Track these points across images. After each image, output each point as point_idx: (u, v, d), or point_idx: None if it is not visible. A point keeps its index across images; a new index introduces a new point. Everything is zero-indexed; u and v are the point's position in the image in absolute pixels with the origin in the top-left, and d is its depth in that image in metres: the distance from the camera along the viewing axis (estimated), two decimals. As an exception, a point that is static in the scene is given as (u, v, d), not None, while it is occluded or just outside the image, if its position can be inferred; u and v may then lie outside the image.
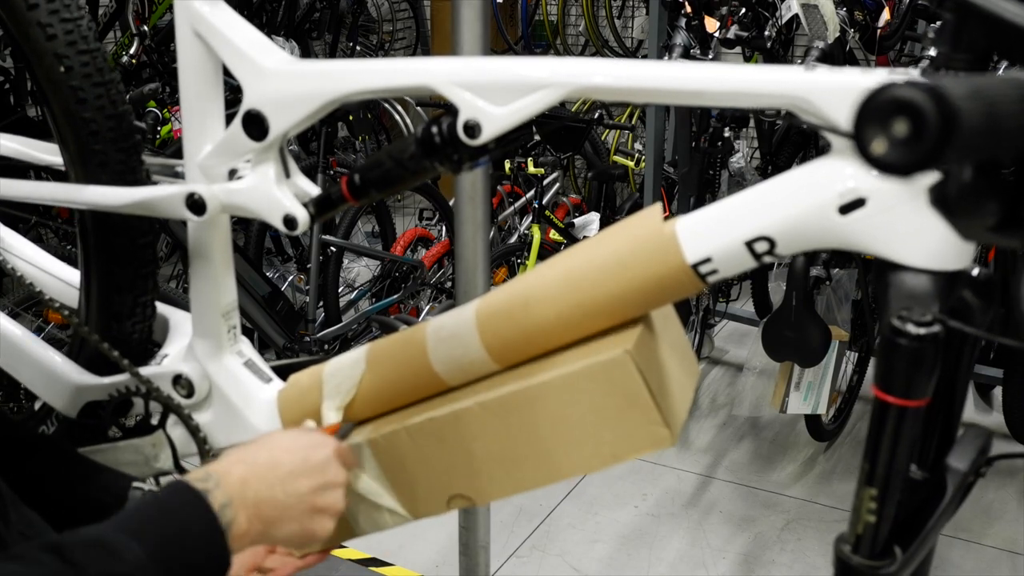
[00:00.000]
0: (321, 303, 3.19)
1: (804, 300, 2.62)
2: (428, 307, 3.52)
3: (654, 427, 0.85)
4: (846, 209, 0.74)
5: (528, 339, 0.92)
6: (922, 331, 0.67)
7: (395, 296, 3.36)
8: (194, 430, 1.21)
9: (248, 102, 1.05)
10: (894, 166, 0.48)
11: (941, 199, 0.53)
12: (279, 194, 1.08)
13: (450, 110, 0.94)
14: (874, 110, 0.49)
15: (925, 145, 0.48)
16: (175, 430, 1.24)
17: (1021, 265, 0.58)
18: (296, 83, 1.03)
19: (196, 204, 1.11)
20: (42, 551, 0.71)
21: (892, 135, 0.49)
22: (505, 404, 0.91)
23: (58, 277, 1.43)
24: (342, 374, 1.03)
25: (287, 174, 1.10)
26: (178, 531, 0.77)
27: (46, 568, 0.69)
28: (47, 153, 1.41)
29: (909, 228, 0.71)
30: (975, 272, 0.74)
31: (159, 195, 1.14)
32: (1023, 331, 0.60)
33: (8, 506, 0.82)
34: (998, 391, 3.09)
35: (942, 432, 0.78)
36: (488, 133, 0.92)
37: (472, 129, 0.92)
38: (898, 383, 0.69)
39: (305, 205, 1.07)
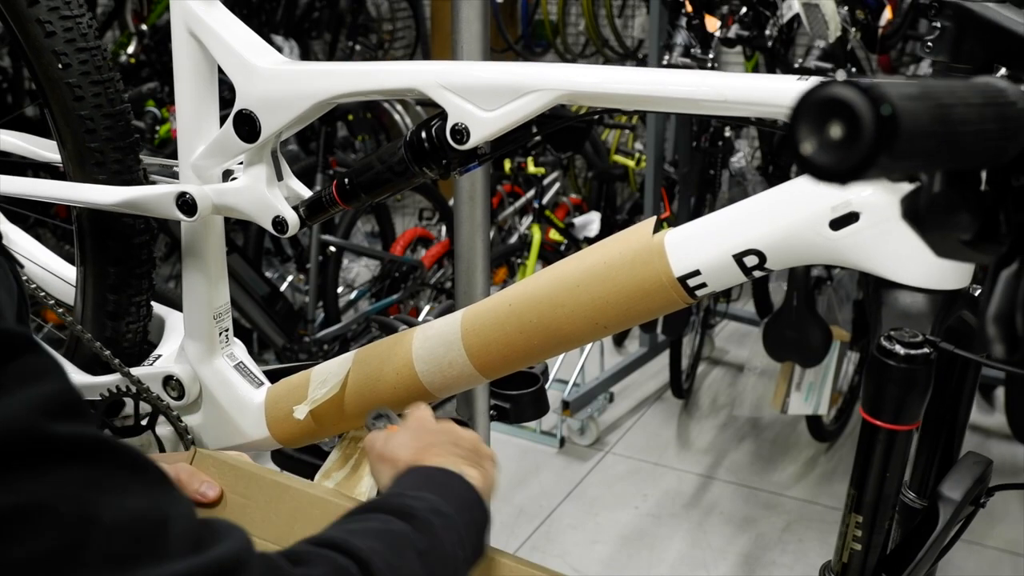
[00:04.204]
0: (321, 303, 3.18)
1: (805, 300, 2.61)
2: (428, 307, 3.51)
3: None
4: (838, 224, 0.72)
5: (508, 341, 0.90)
6: (912, 352, 0.65)
7: (395, 296, 3.35)
8: (183, 432, 1.20)
9: (240, 102, 1.05)
10: (827, 170, 0.44)
11: (911, 211, 0.49)
12: (270, 196, 1.07)
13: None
14: (807, 109, 0.45)
15: (860, 148, 0.44)
16: (164, 431, 1.24)
17: (988, 281, 0.55)
18: (287, 84, 1.03)
19: (187, 205, 1.11)
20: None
21: (827, 138, 0.45)
22: None
23: (59, 275, 1.43)
24: (328, 371, 1.03)
25: (279, 176, 1.09)
26: (445, 485, 0.78)
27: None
28: (47, 150, 1.40)
29: (902, 245, 0.69)
30: (977, 292, 0.72)
31: (150, 195, 1.14)
32: (981, 346, 0.58)
33: None
34: (1000, 391, 3.08)
35: (942, 458, 0.76)
36: (476, 138, 0.90)
37: (460, 134, 0.91)
38: (887, 406, 0.67)
39: (296, 208, 1.07)
